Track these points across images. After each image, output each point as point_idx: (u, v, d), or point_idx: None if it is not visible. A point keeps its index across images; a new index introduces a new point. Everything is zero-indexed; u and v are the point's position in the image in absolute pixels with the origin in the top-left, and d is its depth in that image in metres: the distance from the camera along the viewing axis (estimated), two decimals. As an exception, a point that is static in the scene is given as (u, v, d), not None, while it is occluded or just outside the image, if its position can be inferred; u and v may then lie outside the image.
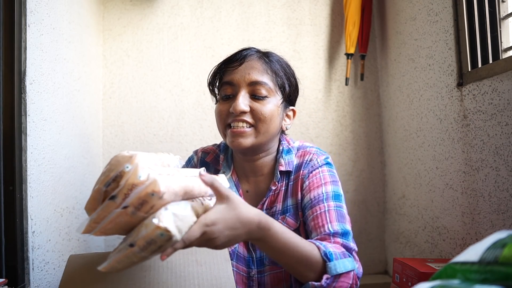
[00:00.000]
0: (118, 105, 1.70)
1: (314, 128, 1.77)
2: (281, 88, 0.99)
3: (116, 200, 0.61)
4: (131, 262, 0.62)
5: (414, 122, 1.48)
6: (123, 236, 0.67)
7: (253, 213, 0.73)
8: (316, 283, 0.80)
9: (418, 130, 1.45)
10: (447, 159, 1.26)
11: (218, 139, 1.71)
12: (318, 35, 1.80)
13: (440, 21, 1.29)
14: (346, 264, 0.82)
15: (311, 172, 0.99)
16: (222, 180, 0.78)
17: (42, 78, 1.06)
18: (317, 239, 0.88)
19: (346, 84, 1.74)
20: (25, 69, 0.97)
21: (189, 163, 1.12)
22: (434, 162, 1.34)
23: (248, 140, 0.94)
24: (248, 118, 0.94)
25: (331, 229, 0.89)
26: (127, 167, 0.62)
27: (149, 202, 0.61)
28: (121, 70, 1.71)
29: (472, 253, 0.43)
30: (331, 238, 0.88)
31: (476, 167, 1.11)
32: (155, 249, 0.61)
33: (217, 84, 1.03)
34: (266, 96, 0.95)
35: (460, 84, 1.20)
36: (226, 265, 0.77)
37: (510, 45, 1.11)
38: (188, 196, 0.67)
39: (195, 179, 0.69)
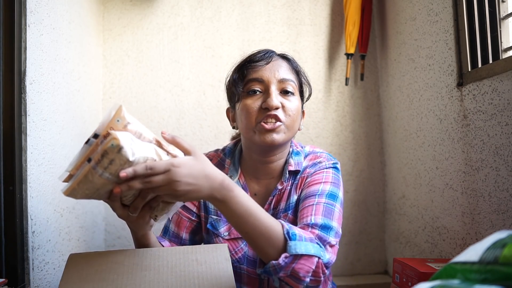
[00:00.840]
0: (118, 105, 1.69)
1: (314, 128, 1.77)
2: (301, 88, 1.03)
3: (91, 162, 0.65)
4: (90, 183, 0.65)
5: (414, 122, 1.48)
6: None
7: (218, 172, 0.76)
8: (274, 262, 0.78)
9: (418, 130, 1.44)
10: (447, 159, 1.26)
11: (218, 139, 1.72)
12: (318, 35, 1.80)
13: (440, 21, 1.29)
14: (309, 247, 0.79)
15: (316, 171, 1.00)
16: None
17: (42, 78, 1.06)
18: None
19: (346, 84, 1.74)
20: (25, 69, 0.97)
21: None
22: (434, 162, 1.34)
23: (281, 136, 0.94)
24: (280, 114, 0.94)
25: (312, 220, 0.87)
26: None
27: (115, 130, 0.65)
28: (121, 70, 1.71)
29: (472, 253, 0.43)
30: (309, 228, 0.86)
31: (476, 167, 1.11)
32: (107, 163, 0.63)
33: (239, 82, 1.00)
34: (293, 93, 0.98)
35: (460, 84, 1.20)
36: (226, 265, 0.77)
37: (510, 45, 1.11)
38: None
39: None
